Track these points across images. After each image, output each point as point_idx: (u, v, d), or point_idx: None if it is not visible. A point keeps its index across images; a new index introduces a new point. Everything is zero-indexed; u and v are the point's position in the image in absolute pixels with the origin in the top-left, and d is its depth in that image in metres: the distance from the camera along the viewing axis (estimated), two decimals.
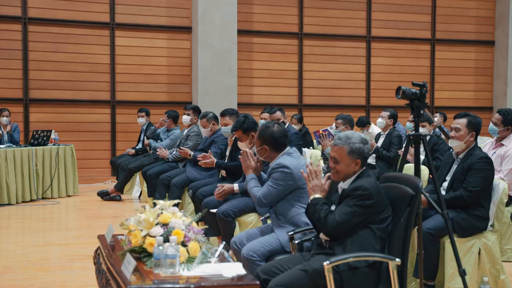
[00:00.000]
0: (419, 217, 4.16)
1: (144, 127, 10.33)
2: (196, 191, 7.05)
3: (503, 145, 6.29)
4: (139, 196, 10.13)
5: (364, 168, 3.93)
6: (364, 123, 10.34)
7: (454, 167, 5.24)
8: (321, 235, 3.96)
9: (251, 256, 4.45)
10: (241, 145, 6.12)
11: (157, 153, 8.83)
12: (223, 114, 7.27)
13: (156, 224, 3.88)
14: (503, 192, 5.11)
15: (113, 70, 11.73)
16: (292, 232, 4.41)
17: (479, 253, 5.13)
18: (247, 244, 4.58)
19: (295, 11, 12.44)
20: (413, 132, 4.46)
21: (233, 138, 7.07)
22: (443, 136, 7.43)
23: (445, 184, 5.20)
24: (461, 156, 5.22)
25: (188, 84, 11.99)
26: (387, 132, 8.87)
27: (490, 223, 5.15)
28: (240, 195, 6.05)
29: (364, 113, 12.69)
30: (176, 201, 4.13)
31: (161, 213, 3.95)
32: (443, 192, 5.11)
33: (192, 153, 7.99)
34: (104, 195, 9.86)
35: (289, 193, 4.60)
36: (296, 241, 4.21)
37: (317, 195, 3.94)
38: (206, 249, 3.67)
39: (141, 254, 3.81)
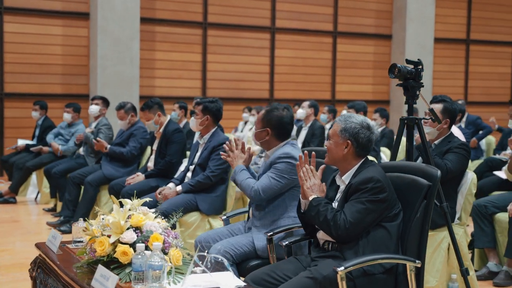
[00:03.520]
0: None
1: (40, 122, 9.32)
2: (120, 190, 6.33)
3: None
4: (36, 198, 9.17)
5: (365, 158, 3.48)
6: None
7: None
8: (320, 235, 3.46)
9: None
10: (192, 121, 5.60)
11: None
12: (143, 108, 6.54)
13: (128, 228, 3.23)
14: (472, 182, 4.84)
15: (1, 59, 10.57)
16: (271, 233, 3.87)
17: (447, 249, 4.85)
18: (215, 244, 4.00)
19: None
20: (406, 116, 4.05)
21: (161, 130, 6.42)
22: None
23: None
24: (436, 142, 4.90)
25: (85, 75, 11.05)
26: (309, 124, 8.51)
27: (457, 216, 4.88)
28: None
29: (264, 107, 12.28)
30: (147, 199, 3.46)
31: (132, 214, 3.30)
32: None
33: (108, 146, 7.21)
34: None
35: (288, 189, 4.04)
36: (284, 243, 3.66)
37: (317, 195, 3.42)
38: (197, 257, 3.06)
39: (110, 265, 3.14)
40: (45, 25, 10.78)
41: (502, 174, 6.98)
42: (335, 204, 3.44)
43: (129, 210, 3.33)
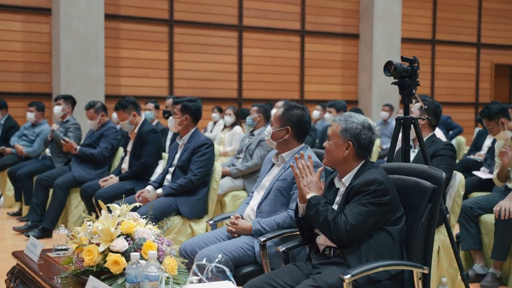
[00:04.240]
0: None
1: (2, 122, 8.91)
2: (93, 194, 6.06)
3: None
4: None
5: (366, 160, 3.31)
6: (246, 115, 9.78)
7: (412, 155, 4.77)
8: (321, 241, 3.28)
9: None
10: (170, 121, 5.36)
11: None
12: (117, 108, 6.26)
13: (118, 236, 2.99)
14: (460, 183, 4.72)
15: None
16: (265, 239, 3.68)
17: (438, 252, 4.74)
18: (203, 250, 3.78)
19: None
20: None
21: (135, 131, 6.16)
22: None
23: None
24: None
25: (48, 73, 10.63)
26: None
27: None
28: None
29: (237, 107, 12.04)
30: (136, 204, 3.23)
31: (122, 220, 3.07)
32: None
33: (78, 147, 6.89)
34: None
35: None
36: (282, 249, 3.47)
37: (315, 194, 3.24)
38: (196, 266, 2.84)
39: (100, 276, 2.91)
40: (5, 20, 10.30)
41: (481, 174, 6.93)
42: (335, 207, 3.27)
43: (118, 216, 3.11)
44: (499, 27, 15.30)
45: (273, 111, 8.46)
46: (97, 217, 3.14)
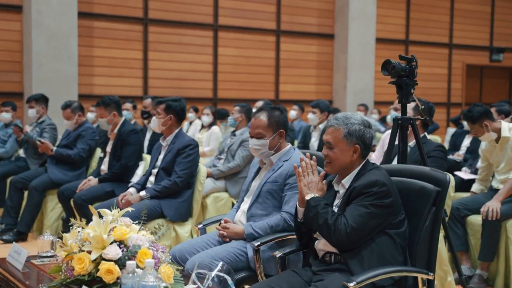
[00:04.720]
0: None
1: None
2: (71, 196, 5.88)
3: None
4: None
5: (366, 160, 3.21)
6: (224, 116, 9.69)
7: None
8: (320, 246, 3.17)
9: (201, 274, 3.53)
10: (154, 121, 5.22)
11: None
12: (98, 104, 6.07)
13: (111, 243, 2.85)
14: (450, 185, 4.65)
15: None
16: (258, 243, 3.56)
17: None
18: (194, 257, 3.64)
19: None
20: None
21: (115, 131, 5.99)
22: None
23: None
24: (411, 144, 4.69)
25: (19, 72, 10.34)
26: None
27: None
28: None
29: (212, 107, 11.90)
30: (128, 209, 3.09)
31: (115, 226, 2.92)
32: None
33: (54, 148, 6.68)
34: None
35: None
36: (278, 254, 3.35)
37: (314, 195, 3.13)
38: (195, 275, 2.71)
39: (93, 285, 2.76)
40: None
41: (463, 174, 6.90)
42: (334, 210, 3.16)
43: (111, 222, 2.96)
44: (471, 28, 15.42)
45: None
46: (87, 222, 2.99)
